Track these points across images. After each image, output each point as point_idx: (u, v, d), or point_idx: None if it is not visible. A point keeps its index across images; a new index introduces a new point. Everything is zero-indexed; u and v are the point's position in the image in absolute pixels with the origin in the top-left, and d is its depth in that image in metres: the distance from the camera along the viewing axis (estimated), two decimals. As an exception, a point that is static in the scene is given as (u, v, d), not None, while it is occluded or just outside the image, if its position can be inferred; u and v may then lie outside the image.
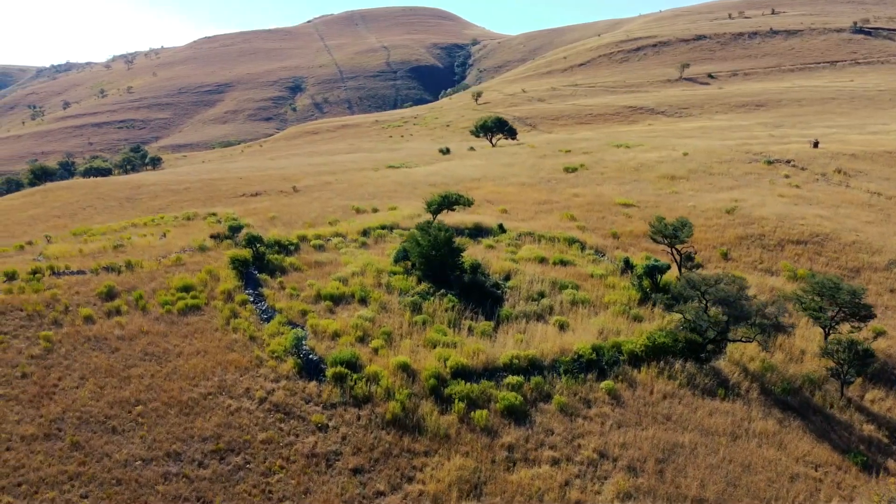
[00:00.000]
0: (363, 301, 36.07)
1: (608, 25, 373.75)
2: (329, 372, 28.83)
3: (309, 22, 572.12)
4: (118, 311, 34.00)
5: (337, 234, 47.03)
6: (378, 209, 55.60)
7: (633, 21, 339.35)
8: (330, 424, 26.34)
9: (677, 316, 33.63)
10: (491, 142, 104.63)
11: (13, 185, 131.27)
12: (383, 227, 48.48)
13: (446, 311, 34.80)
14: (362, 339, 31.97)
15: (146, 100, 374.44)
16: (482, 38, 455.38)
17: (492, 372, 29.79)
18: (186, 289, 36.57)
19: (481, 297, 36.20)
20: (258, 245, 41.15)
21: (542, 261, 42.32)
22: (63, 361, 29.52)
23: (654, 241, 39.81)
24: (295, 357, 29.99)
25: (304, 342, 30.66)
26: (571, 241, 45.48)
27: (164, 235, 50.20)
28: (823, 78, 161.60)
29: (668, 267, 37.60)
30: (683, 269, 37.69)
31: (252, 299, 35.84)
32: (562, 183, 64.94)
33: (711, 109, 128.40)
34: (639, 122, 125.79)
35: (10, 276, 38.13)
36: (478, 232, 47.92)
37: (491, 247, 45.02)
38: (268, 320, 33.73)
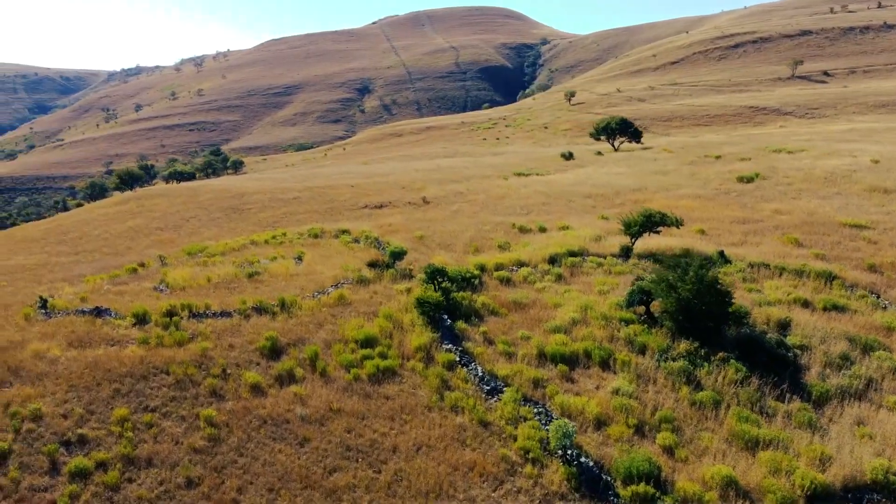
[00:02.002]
0: (605, 364, 26.72)
1: (688, 23, 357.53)
2: (624, 492, 19.54)
3: (374, 23, 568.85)
4: (292, 377, 25.42)
5: (520, 263, 37.81)
6: (546, 228, 46.29)
7: (716, 18, 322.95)
8: (661, 590, 17.04)
9: None
10: (613, 145, 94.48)
11: (97, 190, 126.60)
12: (572, 254, 39.08)
13: (734, 384, 25.12)
14: (639, 430, 22.62)
15: (216, 102, 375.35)
16: (551, 38, 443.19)
17: (857, 494, 20.05)
18: (368, 342, 27.88)
19: (768, 362, 26.44)
20: (440, 280, 32.25)
21: (806, 304, 32.31)
22: (238, 459, 20.99)
23: None
24: (562, 462, 20.84)
25: (571, 439, 21.38)
26: (827, 277, 35.22)
27: (300, 259, 41.95)
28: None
29: None
30: None
31: (458, 359, 26.86)
32: (746, 196, 54.56)
33: (847, 110, 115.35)
34: (766, 124, 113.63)
35: (141, 319, 30.14)
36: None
37: (722, 282, 35.15)
38: (492, 393, 24.69)
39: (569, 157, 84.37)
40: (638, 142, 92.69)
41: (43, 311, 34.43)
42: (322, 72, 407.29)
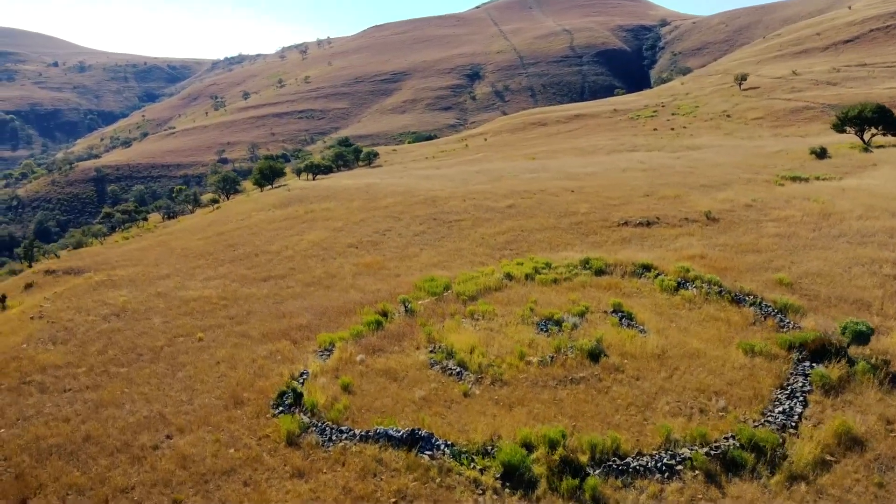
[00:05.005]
0: None
1: (829, 1, 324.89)
2: None
3: (478, 7, 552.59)
4: None
5: None
6: None
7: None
8: None
9: None
10: (862, 138, 76.34)
11: (229, 184, 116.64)
12: None
13: None
14: None
15: (323, 89, 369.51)
16: (671, 19, 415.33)
17: None
18: None
19: None
20: None
21: None
22: None
23: None
24: None
25: None
26: None
27: (630, 319, 28.03)
28: None
29: None
30: None
31: None
32: None
33: None
34: None
35: (514, 472, 16.61)
36: None
37: None
38: None
39: (821, 154, 67.21)
40: (895, 134, 74.56)
41: (303, 414, 21.65)
42: (429, 58, 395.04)
